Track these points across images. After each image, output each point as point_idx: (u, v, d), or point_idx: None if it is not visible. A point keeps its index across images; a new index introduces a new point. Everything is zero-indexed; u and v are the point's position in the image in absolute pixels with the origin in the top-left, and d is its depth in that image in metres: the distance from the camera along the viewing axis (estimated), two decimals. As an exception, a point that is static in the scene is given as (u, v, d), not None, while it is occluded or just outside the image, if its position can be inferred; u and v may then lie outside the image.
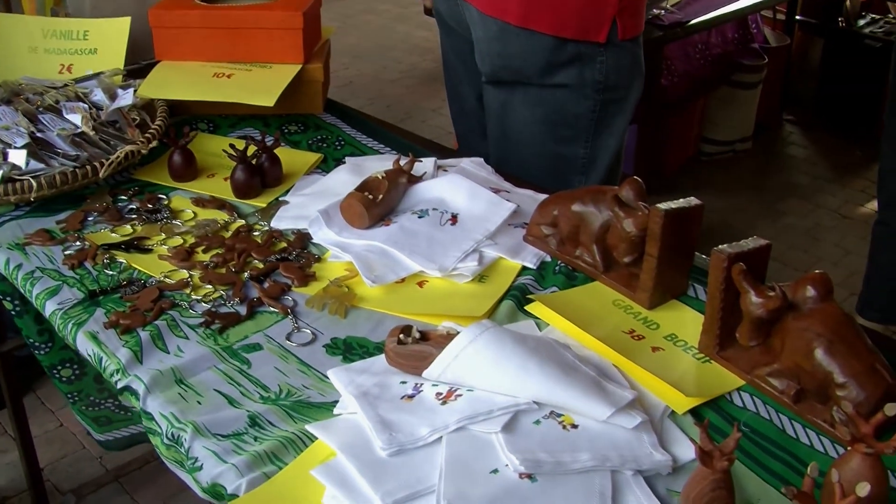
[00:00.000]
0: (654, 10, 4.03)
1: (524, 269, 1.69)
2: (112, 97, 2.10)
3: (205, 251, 1.74)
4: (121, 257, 1.72)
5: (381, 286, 1.62)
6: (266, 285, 1.64)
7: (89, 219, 1.85)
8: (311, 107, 2.30)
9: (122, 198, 1.92)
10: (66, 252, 1.74)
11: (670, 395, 1.36)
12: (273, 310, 1.58)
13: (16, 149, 1.87)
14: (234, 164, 1.91)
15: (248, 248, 1.73)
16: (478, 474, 1.18)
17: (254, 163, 1.93)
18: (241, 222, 1.84)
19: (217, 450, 1.28)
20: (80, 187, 1.88)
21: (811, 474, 1.04)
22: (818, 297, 1.34)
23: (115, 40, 2.31)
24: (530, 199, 1.86)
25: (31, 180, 1.81)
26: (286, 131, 2.23)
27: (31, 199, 1.84)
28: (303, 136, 2.21)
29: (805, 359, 1.31)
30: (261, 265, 1.69)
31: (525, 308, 1.58)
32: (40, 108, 2.02)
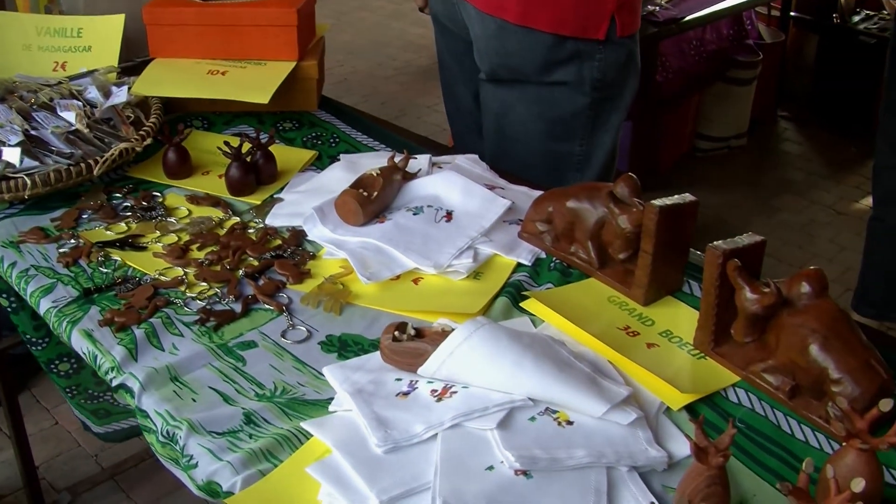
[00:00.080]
0: (650, 7, 4.04)
1: (519, 265, 1.69)
2: (106, 95, 2.10)
3: (199, 248, 1.74)
4: (115, 255, 1.72)
5: (376, 283, 1.62)
6: (261, 283, 1.64)
7: (84, 216, 1.84)
8: (306, 104, 2.30)
9: (117, 195, 1.92)
10: (60, 250, 1.73)
11: (665, 391, 1.36)
12: (268, 307, 1.58)
13: (10, 146, 1.86)
14: (229, 161, 1.91)
15: (243, 245, 1.72)
16: (473, 471, 1.18)
17: (248, 160, 1.93)
18: (236, 220, 1.84)
19: (212, 447, 1.28)
20: (75, 185, 1.88)
21: (806, 470, 1.04)
22: (813, 293, 1.34)
23: (110, 38, 2.30)
24: (525, 196, 1.86)
25: (26, 178, 1.81)
26: (281, 128, 2.22)
27: (26, 197, 1.84)
28: (297, 134, 2.21)
29: (800, 355, 1.31)
30: (255, 262, 1.69)
31: (520, 305, 1.58)
32: (34, 106, 2.02)
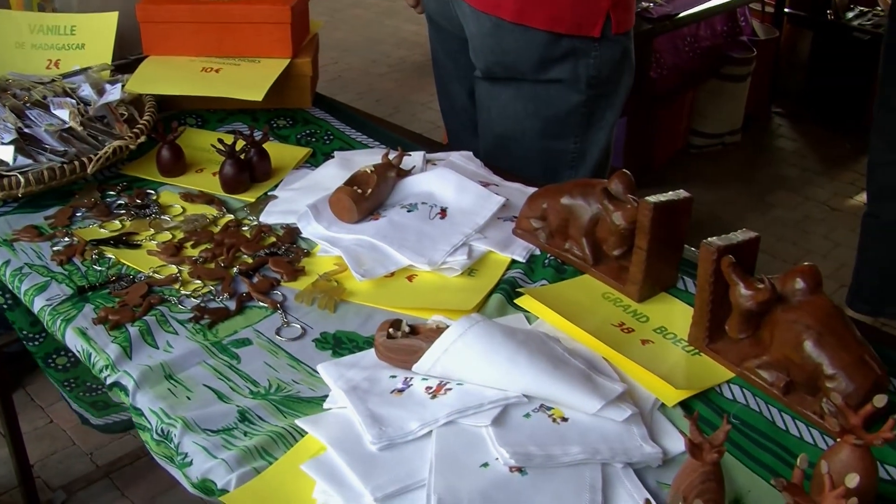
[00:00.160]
0: (644, 3, 4.05)
1: (513, 262, 1.69)
2: (100, 92, 2.10)
3: (194, 246, 1.74)
4: (109, 253, 1.72)
5: (371, 280, 1.62)
6: (255, 280, 1.63)
7: (77, 214, 1.84)
8: (300, 101, 2.29)
9: (111, 193, 1.92)
10: (54, 248, 1.73)
11: (660, 387, 1.36)
12: (262, 305, 1.58)
13: (3, 144, 1.86)
14: (223, 158, 1.90)
15: (237, 242, 1.72)
16: (468, 468, 1.18)
17: (242, 157, 1.93)
18: (230, 217, 1.84)
19: (207, 445, 1.28)
20: (68, 183, 1.88)
21: (801, 466, 1.04)
22: (807, 289, 1.34)
23: (103, 35, 2.30)
24: (519, 193, 1.86)
25: (19, 176, 1.80)
26: (275, 126, 2.22)
27: (19, 195, 1.83)
28: (291, 131, 2.21)
29: (794, 351, 1.32)
30: (250, 260, 1.69)
31: (514, 301, 1.58)
32: (28, 104, 2.02)
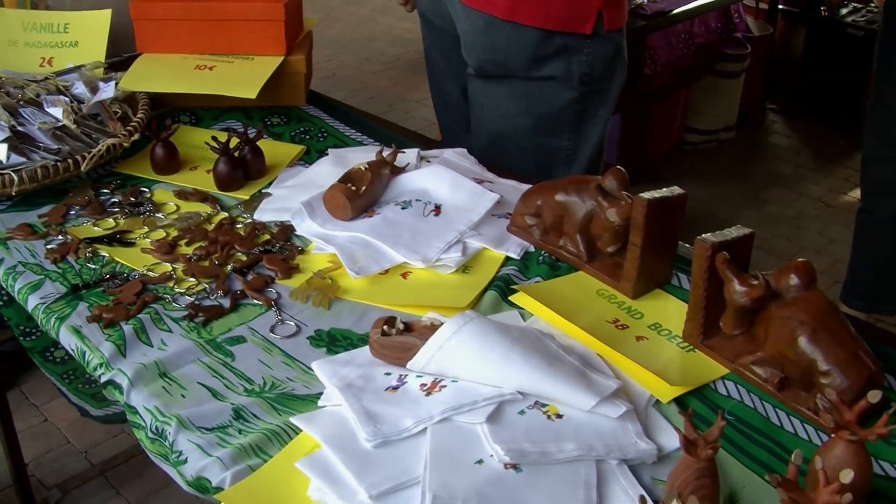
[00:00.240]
0: (638, 0, 4.04)
1: (508, 259, 1.69)
2: (93, 90, 2.09)
3: (188, 244, 1.74)
4: (103, 251, 1.71)
5: (365, 278, 1.62)
6: (249, 278, 1.63)
7: (71, 212, 1.84)
8: (294, 98, 2.29)
9: (105, 191, 1.91)
10: (48, 246, 1.73)
11: (654, 384, 1.36)
12: (257, 302, 1.58)
13: (-4, 143, 1.86)
14: (217, 156, 1.90)
15: (232, 240, 1.72)
16: (463, 465, 1.18)
17: (236, 155, 1.93)
18: (224, 215, 1.83)
19: (201, 443, 1.28)
20: (62, 181, 1.88)
21: (795, 462, 1.04)
22: (801, 285, 1.34)
23: (96, 33, 2.30)
24: (514, 190, 1.86)
25: (13, 174, 1.80)
26: (269, 123, 2.22)
27: (13, 194, 1.83)
28: (285, 128, 2.21)
29: (789, 347, 1.32)
30: (244, 257, 1.69)
31: (509, 298, 1.58)
32: (21, 102, 2.01)
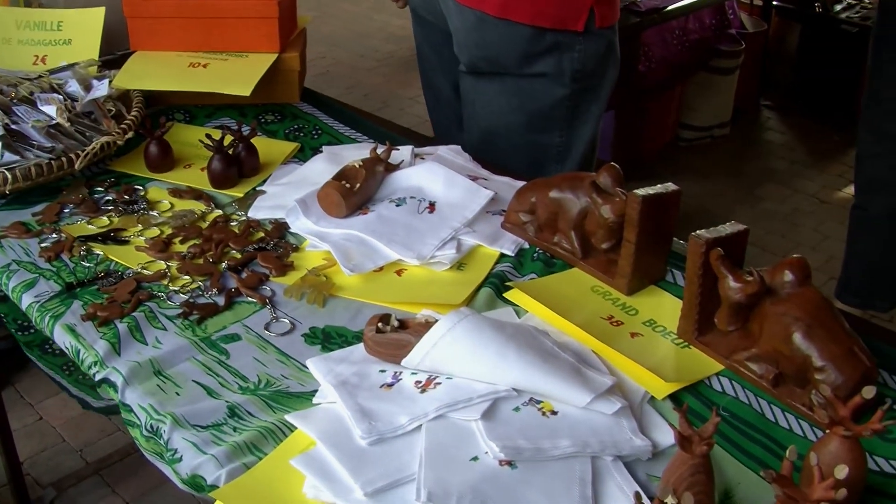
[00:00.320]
0: (632, -4, 4.04)
1: (502, 256, 1.69)
2: (87, 88, 2.09)
3: (182, 242, 1.73)
4: (97, 249, 1.71)
5: (360, 275, 1.62)
6: (244, 275, 1.63)
7: (65, 211, 1.83)
8: (288, 96, 2.29)
9: (99, 189, 1.91)
10: (42, 244, 1.72)
11: (649, 380, 1.36)
12: (251, 300, 1.58)
13: (-10, 141, 1.85)
14: (211, 154, 1.90)
15: (226, 238, 1.72)
16: (458, 462, 1.18)
17: (230, 153, 1.92)
18: (219, 212, 1.83)
19: (196, 441, 1.28)
20: (56, 179, 1.87)
21: (790, 458, 1.04)
22: (796, 281, 1.34)
23: (90, 31, 2.29)
24: (508, 187, 1.86)
25: (6, 172, 1.79)
26: (263, 121, 2.22)
27: (7, 192, 1.82)
28: (279, 126, 2.20)
29: (783, 343, 1.32)
30: (238, 255, 1.69)
31: (503, 295, 1.58)
32: (14, 100, 2.00)
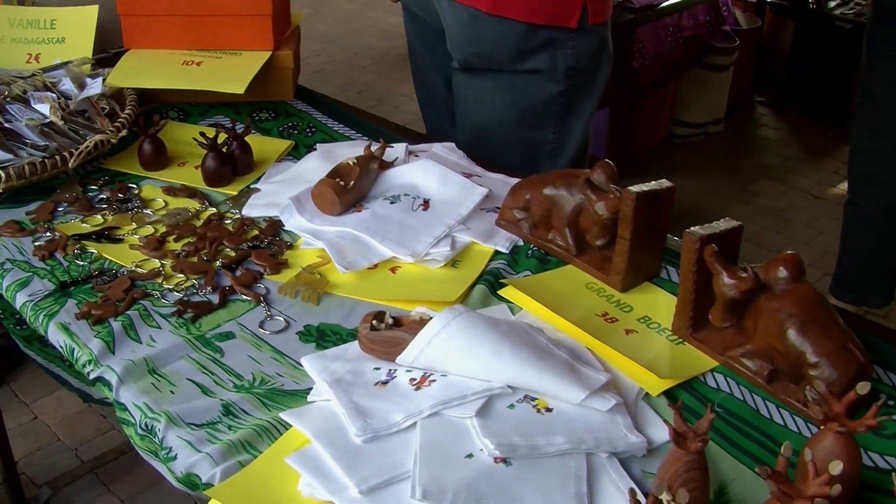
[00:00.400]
0: (626, -7, 4.04)
1: (497, 253, 1.69)
2: (81, 86, 2.08)
3: (176, 240, 1.73)
4: (92, 247, 1.71)
5: (354, 272, 1.62)
6: (238, 273, 1.63)
7: (59, 209, 1.83)
8: (282, 93, 2.29)
9: (93, 188, 1.91)
10: (36, 243, 1.72)
11: (644, 377, 1.36)
12: (245, 298, 1.58)
13: (-17, 139, 1.85)
14: (205, 152, 1.90)
15: (220, 236, 1.72)
16: (453, 459, 1.18)
17: (224, 151, 1.92)
18: (213, 210, 1.83)
19: (191, 439, 1.28)
20: (50, 178, 1.87)
21: (785, 454, 1.04)
22: (790, 277, 1.34)
23: (83, 29, 2.29)
24: (502, 184, 1.86)
25: (0, 171, 1.79)
26: (257, 118, 2.21)
27: (0, 191, 1.82)
28: (273, 124, 2.20)
29: (778, 339, 1.32)
30: (233, 253, 1.68)
31: (498, 292, 1.57)
32: (8, 99, 2.00)
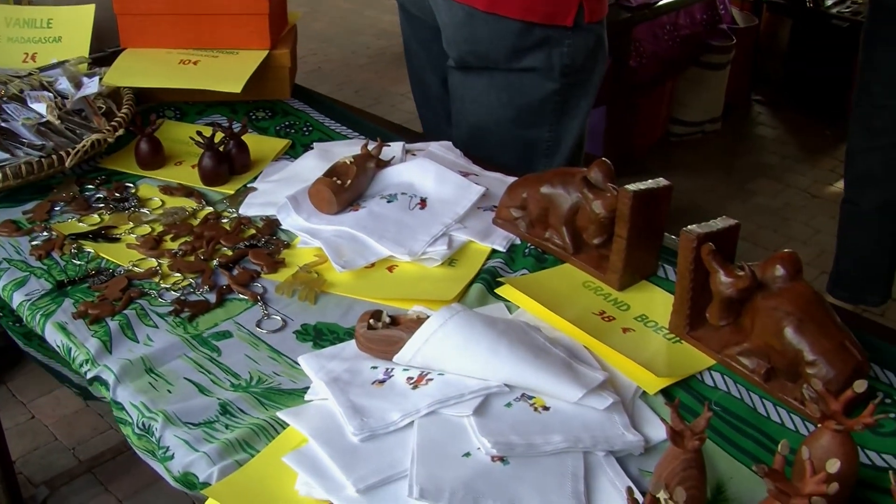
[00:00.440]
0: (623, -8, 4.04)
1: (494, 252, 1.69)
2: (77, 85, 2.08)
3: (173, 239, 1.73)
4: (88, 247, 1.71)
5: (351, 271, 1.62)
6: (235, 272, 1.63)
7: (56, 209, 1.83)
8: (279, 92, 2.29)
9: (89, 187, 1.91)
10: (32, 243, 1.72)
11: (641, 375, 1.36)
12: (243, 297, 1.58)
13: (-21, 139, 1.85)
14: (202, 151, 1.90)
15: (217, 235, 1.72)
16: (450, 458, 1.18)
17: (221, 150, 1.92)
18: (210, 210, 1.83)
19: (188, 438, 1.28)
20: (47, 177, 1.87)
21: (782, 452, 1.04)
22: (787, 276, 1.35)
23: (80, 28, 2.29)
24: (499, 182, 1.85)
25: (-4, 170, 1.79)
26: (254, 117, 2.21)
27: (-4, 190, 1.82)
28: (270, 123, 2.20)
29: (775, 337, 1.32)
30: (230, 252, 1.68)
31: (495, 291, 1.57)
32: (4, 98, 2.00)
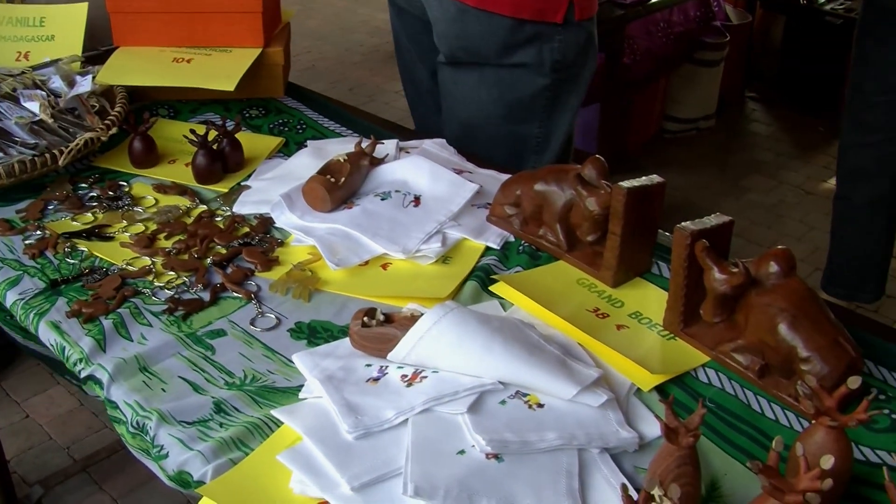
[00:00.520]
0: (616, -11, 4.03)
1: (488, 249, 1.69)
2: (70, 84, 2.08)
3: (167, 238, 1.73)
4: (82, 245, 1.71)
5: (345, 269, 1.62)
6: (229, 271, 1.63)
7: (49, 207, 1.82)
8: (272, 90, 2.28)
9: (83, 185, 1.90)
10: (26, 241, 1.72)
11: (635, 372, 1.36)
12: (237, 295, 1.57)
13: (-28, 138, 1.85)
14: (195, 149, 1.89)
15: (211, 233, 1.71)
16: (444, 455, 1.18)
17: (215, 148, 1.92)
18: (203, 208, 1.83)
19: (182, 437, 1.28)
20: (40, 176, 1.86)
21: (776, 448, 1.04)
22: (781, 272, 1.35)
23: (73, 26, 2.28)
24: (493, 180, 1.85)
25: (-11, 169, 1.79)
26: (247, 116, 2.21)
27: (-10, 189, 1.82)
28: (264, 121, 2.20)
29: (769, 334, 1.32)
30: (223, 250, 1.68)
31: (489, 288, 1.58)
32: (-3, 97, 2.00)
